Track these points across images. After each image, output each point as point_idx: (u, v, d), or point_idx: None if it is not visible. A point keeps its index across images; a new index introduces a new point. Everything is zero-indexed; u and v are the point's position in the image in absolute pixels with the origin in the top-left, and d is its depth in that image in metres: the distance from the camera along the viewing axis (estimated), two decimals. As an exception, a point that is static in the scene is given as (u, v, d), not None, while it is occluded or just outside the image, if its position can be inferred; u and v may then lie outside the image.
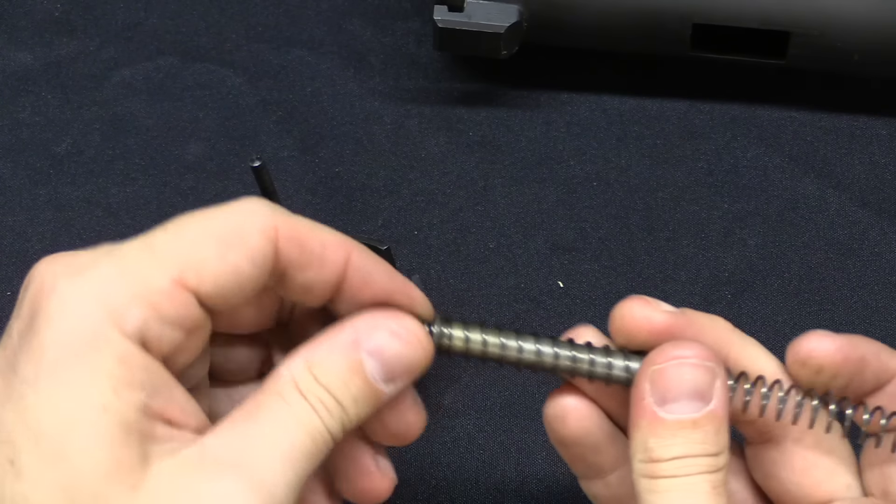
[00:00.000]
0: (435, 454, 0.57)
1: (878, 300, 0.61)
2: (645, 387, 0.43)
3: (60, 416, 0.39)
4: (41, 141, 0.66)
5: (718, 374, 0.43)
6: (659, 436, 0.42)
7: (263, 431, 0.41)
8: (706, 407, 0.42)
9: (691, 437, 0.42)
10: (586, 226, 0.63)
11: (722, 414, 0.43)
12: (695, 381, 0.43)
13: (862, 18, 0.62)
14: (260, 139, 0.66)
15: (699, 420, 0.42)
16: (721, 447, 0.42)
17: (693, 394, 0.42)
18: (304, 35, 0.70)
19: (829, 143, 0.66)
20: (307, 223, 0.44)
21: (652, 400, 0.43)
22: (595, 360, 0.45)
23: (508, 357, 0.45)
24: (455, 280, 0.62)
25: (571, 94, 0.68)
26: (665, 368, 0.43)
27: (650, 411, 0.43)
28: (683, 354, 0.43)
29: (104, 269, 0.41)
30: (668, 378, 0.43)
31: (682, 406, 0.42)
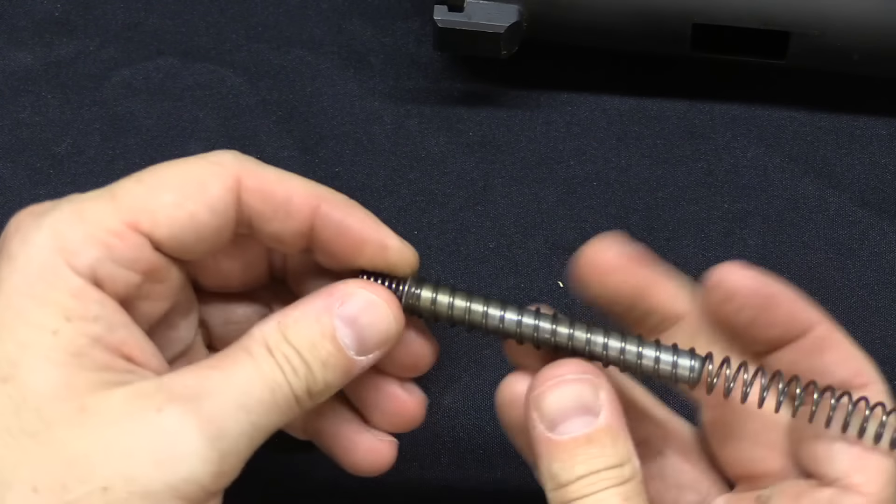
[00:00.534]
0: (435, 454, 0.57)
1: (878, 300, 0.61)
2: (533, 415, 0.43)
3: (14, 339, 0.41)
4: (41, 141, 0.66)
5: (601, 385, 0.43)
6: (559, 459, 0.42)
7: (223, 377, 0.42)
8: (597, 420, 0.42)
9: (589, 453, 0.42)
10: (586, 226, 0.63)
11: (615, 424, 0.42)
12: (578, 397, 0.43)
13: (862, 18, 0.62)
14: (260, 139, 0.66)
15: (592, 434, 0.42)
16: (623, 457, 0.42)
17: (579, 410, 0.42)
18: (304, 35, 0.70)
19: (829, 143, 0.66)
20: (275, 173, 0.45)
21: (542, 426, 0.43)
22: (557, 329, 0.45)
23: (474, 321, 0.45)
24: (455, 280, 0.62)
25: (571, 94, 0.68)
26: (545, 391, 0.43)
27: (544, 437, 0.43)
28: (560, 373, 0.43)
29: (63, 212, 0.43)
30: (551, 400, 0.43)
31: (572, 424, 0.42)
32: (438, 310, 0.46)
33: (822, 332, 0.45)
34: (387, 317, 0.45)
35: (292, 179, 0.45)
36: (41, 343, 0.41)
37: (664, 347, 0.45)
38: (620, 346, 0.45)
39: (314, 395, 0.44)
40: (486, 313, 0.45)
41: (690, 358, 0.44)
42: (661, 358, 0.44)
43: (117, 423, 0.41)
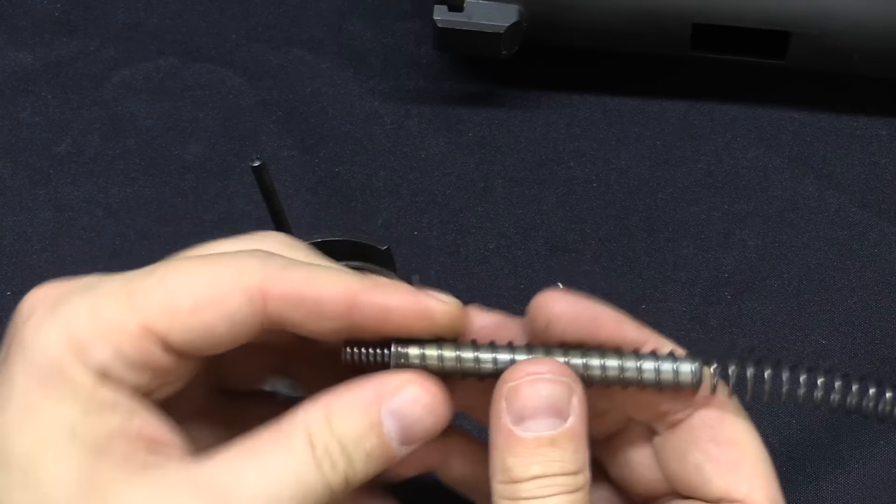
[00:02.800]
0: (435, 455, 0.57)
1: (878, 300, 0.61)
2: (501, 405, 0.42)
3: (30, 438, 0.40)
4: (41, 141, 0.66)
5: (575, 390, 0.42)
6: (517, 455, 0.41)
7: (254, 469, 0.41)
8: (564, 424, 0.42)
9: (549, 455, 0.41)
10: (586, 227, 0.63)
11: (580, 431, 0.42)
12: (551, 397, 0.42)
13: (862, 18, 0.62)
14: (260, 139, 0.66)
15: (557, 437, 0.41)
16: (580, 465, 0.42)
17: (550, 410, 0.42)
18: (304, 35, 0.70)
19: (829, 143, 0.66)
20: (304, 275, 0.42)
21: (509, 418, 0.42)
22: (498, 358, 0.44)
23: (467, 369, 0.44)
24: (455, 281, 0.62)
25: (571, 95, 0.68)
26: (520, 385, 0.42)
27: (507, 429, 0.42)
28: (538, 370, 0.42)
29: (78, 305, 0.41)
30: (524, 395, 0.42)
31: (539, 423, 0.41)
32: (429, 364, 0.45)
33: (653, 346, 0.45)
34: (434, 410, 0.43)
35: (322, 278, 0.43)
36: (60, 440, 0.40)
37: (662, 357, 0.45)
38: (619, 364, 0.44)
39: (352, 484, 0.42)
40: (478, 358, 0.45)
41: (690, 362, 0.44)
42: (661, 367, 0.44)
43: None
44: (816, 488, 0.56)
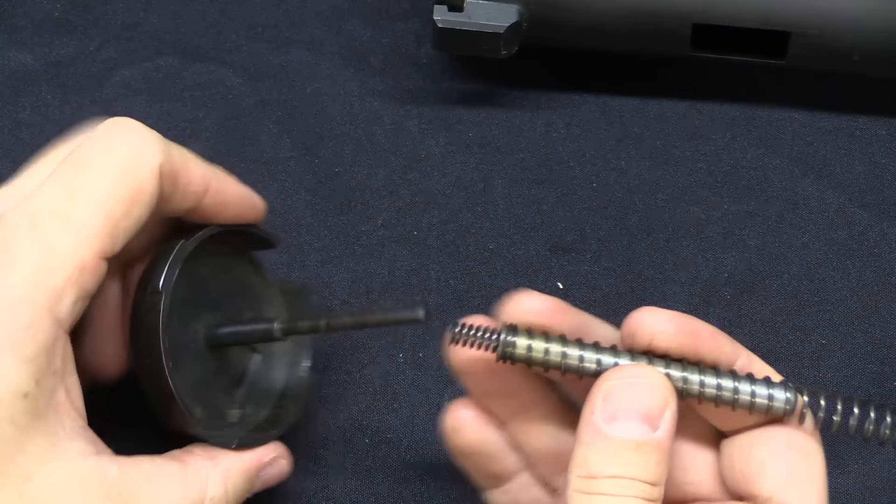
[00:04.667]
0: (434, 455, 0.57)
1: (878, 300, 0.61)
2: (597, 402, 0.43)
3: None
4: (41, 141, 0.66)
5: (671, 403, 0.43)
6: (600, 452, 0.42)
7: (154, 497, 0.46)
8: (653, 433, 0.42)
9: (632, 459, 0.42)
10: (586, 227, 0.63)
11: (667, 445, 0.42)
12: (647, 403, 0.42)
13: (862, 18, 0.62)
14: (260, 139, 0.66)
15: (643, 444, 0.42)
16: (659, 478, 0.42)
17: (642, 416, 0.42)
18: (304, 35, 0.70)
19: (829, 143, 0.66)
20: (180, 156, 0.47)
21: (601, 416, 0.42)
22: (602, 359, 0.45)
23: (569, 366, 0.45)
24: (454, 281, 0.62)
25: (571, 95, 0.68)
26: (620, 385, 0.43)
27: (596, 427, 0.42)
28: (641, 376, 0.43)
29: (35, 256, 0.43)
30: (622, 396, 0.43)
31: (630, 427, 0.42)
32: (534, 357, 0.45)
33: (744, 363, 0.45)
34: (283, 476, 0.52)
35: (192, 162, 0.48)
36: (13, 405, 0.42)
37: (758, 381, 0.45)
38: (717, 382, 0.45)
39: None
40: (582, 357, 0.45)
41: (784, 390, 0.45)
42: (756, 392, 0.45)
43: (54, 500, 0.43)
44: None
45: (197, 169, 0.48)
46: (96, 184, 0.45)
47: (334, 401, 0.58)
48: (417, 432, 0.58)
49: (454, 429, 0.49)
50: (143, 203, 0.45)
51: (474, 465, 0.50)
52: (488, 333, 0.45)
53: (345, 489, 0.57)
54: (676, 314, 0.45)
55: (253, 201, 0.51)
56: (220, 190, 0.49)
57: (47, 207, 0.44)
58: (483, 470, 0.50)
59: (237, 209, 0.50)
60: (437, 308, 0.61)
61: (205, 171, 0.49)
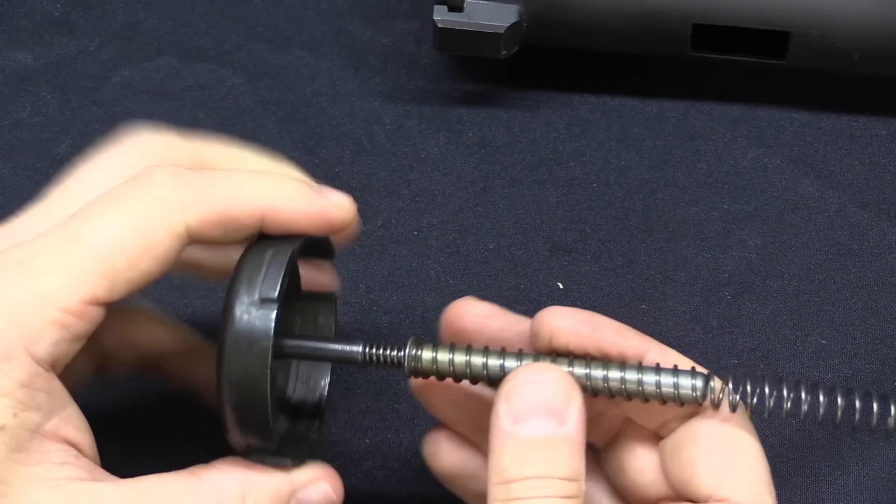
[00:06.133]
0: (435, 455, 0.57)
1: (878, 300, 0.61)
2: (501, 405, 0.43)
3: None
4: (41, 141, 0.66)
5: (574, 398, 0.43)
6: (511, 455, 0.42)
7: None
8: (560, 428, 0.42)
9: (544, 456, 0.41)
10: (586, 227, 0.63)
11: (578, 438, 0.42)
12: (550, 399, 0.42)
13: (862, 18, 0.62)
14: (260, 139, 0.66)
15: (552, 440, 0.42)
16: (575, 472, 0.42)
17: (548, 412, 0.42)
18: (304, 35, 0.70)
19: (829, 143, 0.66)
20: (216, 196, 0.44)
21: (506, 418, 0.42)
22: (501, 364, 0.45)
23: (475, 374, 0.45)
24: (455, 281, 0.62)
25: (571, 95, 0.68)
26: (520, 385, 0.43)
27: (503, 429, 0.42)
28: (539, 373, 0.43)
29: (18, 292, 0.42)
30: (523, 395, 0.42)
31: (536, 424, 0.42)
32: (440, 369, 0.45)
33: (655, 355, 0.45)
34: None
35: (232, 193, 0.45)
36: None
37: (664, 370, 0.45)
38: (621, 376, 0.44)
39: None
40: (486, 364, 0.45)
41: (691, 377, 0.44)
42: (662, 381, 0.44)
43: None
44: (816, 489, 0.56)
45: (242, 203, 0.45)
46: (102, 232, 0.43)
47: (335, 401, 0.58)
48: (417, 432, 0.58)
49: (431, 454, 0.49)
50: (154, 258, 0.43)
51: (459, 488, 0.50)
52: (394, 351, 0.45)
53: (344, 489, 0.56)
54: (577, 311, 0.45)
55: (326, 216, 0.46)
56: (277, 215, 0.45)
57: (45, 247, 0.43)
58: (469, 491, 0.50)
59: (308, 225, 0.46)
60: (438, 308, 0.61)
61: (257, 202, 0.45)
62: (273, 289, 0.44)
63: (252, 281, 0.44)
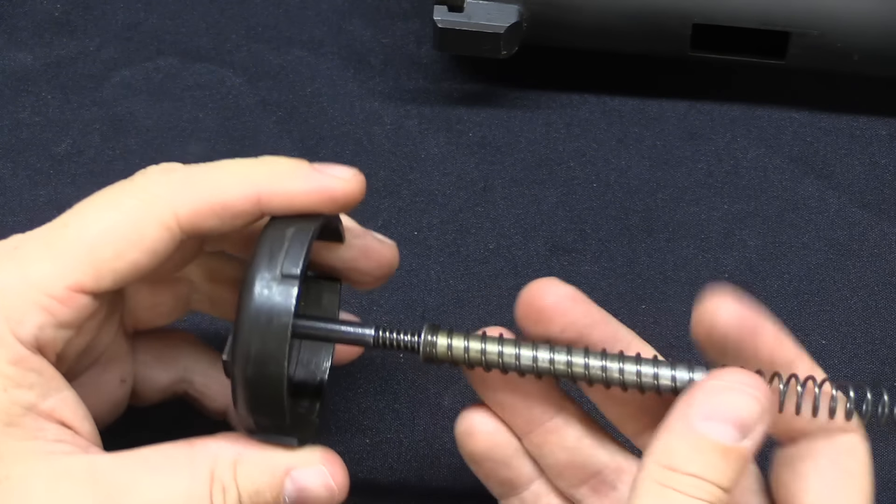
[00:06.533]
0: (435, 455, 0.57)
1: (878, 300, 0.61)
2: (697, 396, 0.43)
3: None
4: (41, 141, 0.66)
5: (765, 419, 0.43)
6: (687, 446, 0.42)
7: (153, 483, 0.43)
8: (741, 442, 0.42)
9: (716, 462, 0.42)
10: (586, 227, 0.63)
11: (750, 456, 0.42)
12: (746, 413, 0.42)
13: (862, 18, 0.62)
14: (260, 139, 0.66)
15: (730, 451, 0.42)
16: (733, 485, 0.42)
17: (737, 423, 0.42)
18: (304, 35, 0.70)
19: (829, 143, 0.66)
20: (207, 185, 0.45)
21: (698, 411, 0.42)
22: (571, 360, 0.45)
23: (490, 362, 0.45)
24: (455, 281, 0.62)
25: (571, 95, 0.68)
26: (728, 389, 0.43)
27: (690, 420, 0.42)
28: (749, 383, 0.43)
29: (7, 274, 0.43)
30: (726, 399, 0.42)
31: (722, 430, 0.42)
32: (455, 355, 0.46)
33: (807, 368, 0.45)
34: (332, 492, 0.45)
35: (224, 181, 0.45)
36: None
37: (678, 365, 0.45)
38: (636, 370, 0.45)
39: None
40: (502, 353, 0.45)
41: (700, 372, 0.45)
42: (677, 377, 0.45)
43: (36, 499, 0.42)
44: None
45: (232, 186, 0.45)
46: (91, 223, 0.44)
47: (334, 401, 0.58)
48: (417, 432, 0.58)
49: (466, 433, 0.49)
50: (143, 250, 0.44)
51: (487, 472, 0.49)
52: (408, 336, 0.46)
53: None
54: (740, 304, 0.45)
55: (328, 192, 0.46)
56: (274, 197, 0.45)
57: (37, 235, 0.44)
58: (497, 477, 0.49)
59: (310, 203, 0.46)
60: (437, 308, 0.61)
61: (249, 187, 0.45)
62: (295, 265, 0.43)
63: (274, 256, 0.44)
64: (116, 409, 0.51)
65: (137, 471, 0.43)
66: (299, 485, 0.45)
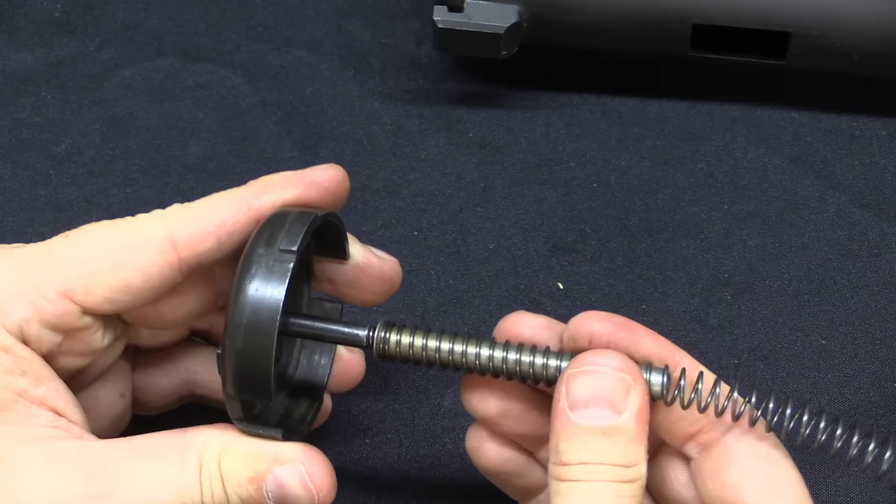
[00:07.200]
0: (435, 455, 0.57)
1: (877, 300, 0.61)
2: (561, 390, 0.43)
3: None
4: (41, 141, 0.66)
5: (635, 387, 0.43)
6: (569, 439, 0.43)
7: (144, 468, 0.44)
8: (617, 418, 0.43)
9: (600, 444, 0.42)
10: (586, 227, 0.63)
11: (634, 427, 0.43)
12: (608, 390, 0.43)
13: (862, 18, 0.62)
14: (260, 139, 0.66)
15: (609, 429, 0.42)
16: (632, 460, 0.42)
17: (605, 402, 0.43)
18: (304, 35, 0.70)
19: (829, 143, 0.66)
20: (198, 210, 0.46)
21: (566, 404, 0.43)
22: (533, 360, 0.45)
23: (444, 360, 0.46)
24: (455, 281, 0.62)
25: (571, 95, 0.68)
26: (581, 373, 0.44)
27: (563, 415, 0.43)
28: (601, 362, 0.44)
29: (1, 266, 0.45)
30: (583, 384, 0.43)
31: (594, 413, 0.43)
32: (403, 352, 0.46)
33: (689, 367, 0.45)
34: (310, 493, 0.45)
35: (213, 203, 0.46)
36: None
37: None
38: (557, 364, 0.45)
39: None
40: (452, 350, 0.46)
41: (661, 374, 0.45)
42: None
43: (30, 481, 0.43)
44: (815, 491, 0.56)
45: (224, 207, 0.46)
46: (90, 238, 0.46)
47: (334, 401, 0.58)
48: (417, 432, 0.58)
49: (475, 450, 0.49)
50: (135, 269, 0.45)
51: (502, 482, 0.50)
52: (370, 333, 0.46)
53: (345, 489, 0.57)
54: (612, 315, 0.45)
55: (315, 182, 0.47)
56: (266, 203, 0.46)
57: (41, 243, 0.46)
58: (511, 485, 0.50)
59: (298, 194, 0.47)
60: (437, 308, 0.61)
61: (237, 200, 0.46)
62: (293, 243, 0.44)
63: (273, 235, 0.44)
64: (117, 423, 0.51)
65: (129, 457, 0.44)
66: (279, 482, 0.45)
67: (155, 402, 0.52)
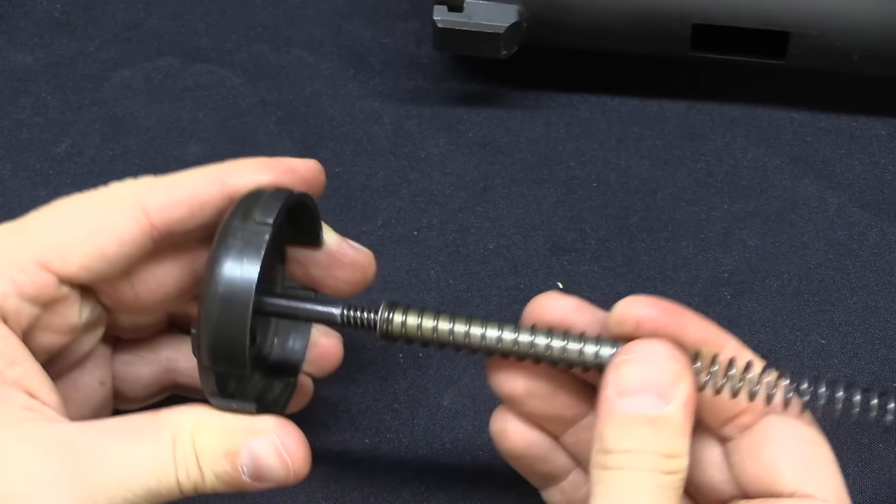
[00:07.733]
0: (434, 455, 0.57)
1: (877, 300, 0.61)
2: (610, 377, 0.43)
3: None
4: (41, 141, 0.66)
5: (683, 377, 0.43)
6: (615, 426, 0.43)
7: (118, 449, 0.44)
8: (665, 407, 0.43)
9: (646, 433, 0.42)
10: (586, 227, 0.63)
11: (681, 418, 0.43)
12: (658, 378, 0.43)
13: (862, 18, 0.62)
14: (260, 139, 0.66)
15: (656, 418, 0.42)
16: (676, 450, 0.43)
17: (654, 391, 0.43)
18: (304, 35, 0.70)
19: (829, 143, 0.66)
20: (173, 181, 0.47)
21: (614, 390, 0.43)
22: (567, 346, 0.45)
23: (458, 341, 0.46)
24: (455, 281, 0.62)
25: (571, 95, 0.68)
26: (631, 360, 0.44)
27: (611, 401, 0.43)
28: (652, 350, 0.44)
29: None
30: (631, 370, 0.43)
31: (641, 401, 0.43)
32: (410, 333, 0.46)
33: (733, 352, 0.45)
34: (285, 464, 0.45)
35: (188, 175, 0.47)
36: None
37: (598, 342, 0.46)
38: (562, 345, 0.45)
39: (200, 491, 0.45)
40: (468, 332, 0.46)
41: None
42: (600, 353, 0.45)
43: (2, 461, 0.43)
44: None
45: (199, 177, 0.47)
46: (63, 211, 0.46)
47: (334, 401, 0.58)
48: (417, 432, 0.58)
49: (499, 433, 0.49)
50: (110, 237, 0.46)
51: (525, 467, 0.50)
52: (371, 314, 0.46)
53: (345, 489, 0.57)
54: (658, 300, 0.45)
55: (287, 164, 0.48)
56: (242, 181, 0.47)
57: (15, 221, 0.47)
58: (534, 471, 0.50)
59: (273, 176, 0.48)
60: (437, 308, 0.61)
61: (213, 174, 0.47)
62: (269, 216, 0.44)
63: (249, 209, 0.45)
64: (98, 413, 0.51)
65: (103, 437, 0.44)
66: (253, 454, 0.45)
67: (136, 392, 0.52)
